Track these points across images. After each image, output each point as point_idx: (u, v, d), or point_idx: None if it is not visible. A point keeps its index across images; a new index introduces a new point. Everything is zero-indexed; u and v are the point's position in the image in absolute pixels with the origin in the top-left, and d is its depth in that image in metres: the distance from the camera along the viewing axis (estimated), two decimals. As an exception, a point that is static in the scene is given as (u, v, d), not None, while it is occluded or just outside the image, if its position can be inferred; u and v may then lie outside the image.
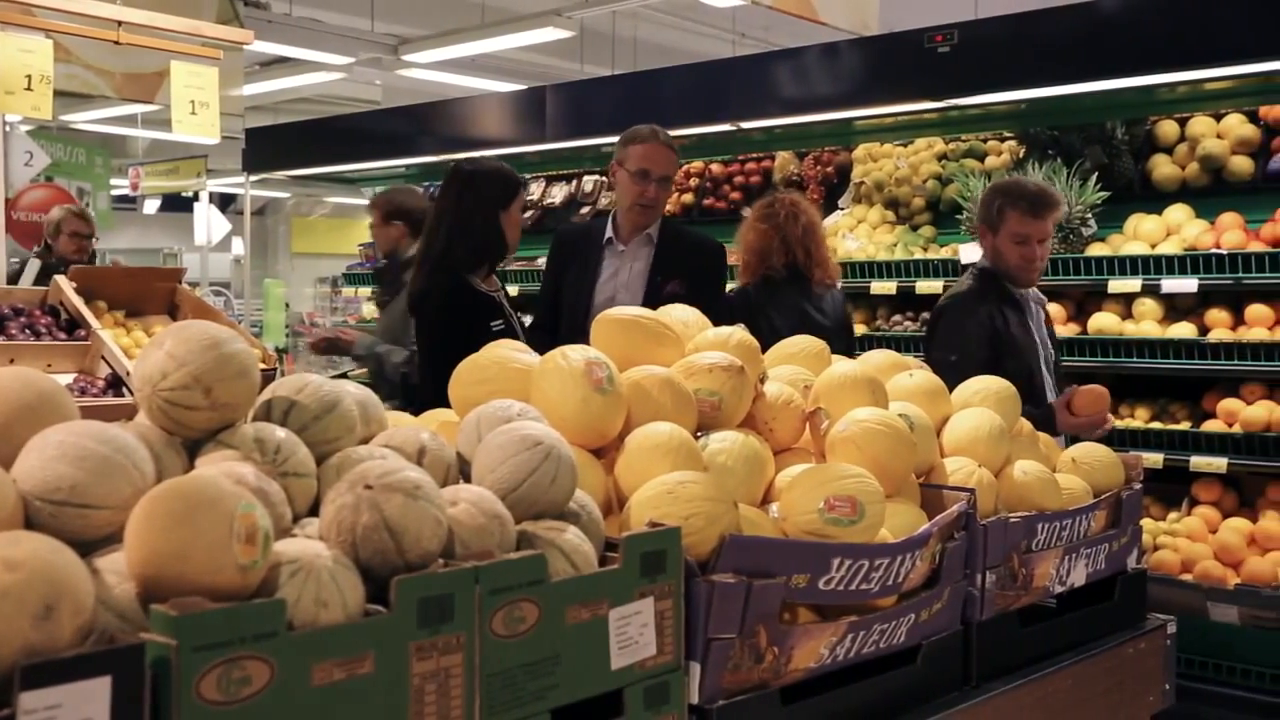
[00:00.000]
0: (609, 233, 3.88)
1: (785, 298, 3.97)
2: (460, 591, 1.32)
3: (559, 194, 7.07)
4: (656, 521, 1.58)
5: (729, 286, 4.26)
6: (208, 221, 13.08)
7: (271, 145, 7.84)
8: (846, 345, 3.93)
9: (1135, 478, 2.45)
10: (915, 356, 3.21)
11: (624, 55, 11.67)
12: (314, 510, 1.46)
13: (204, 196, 13.07)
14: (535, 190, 7.22)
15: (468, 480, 1.61)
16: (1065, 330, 4.57)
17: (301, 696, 1.17)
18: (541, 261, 6.76)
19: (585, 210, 6.89)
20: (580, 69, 11.55)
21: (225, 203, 17.27)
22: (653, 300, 3.64)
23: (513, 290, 6.60)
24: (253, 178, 8.03)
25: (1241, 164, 4.59)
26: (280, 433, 1.48)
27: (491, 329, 3.49)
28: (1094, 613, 2.30)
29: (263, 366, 3.93)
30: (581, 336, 3.64)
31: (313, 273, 18.68)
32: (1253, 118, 4.63)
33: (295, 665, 1.17)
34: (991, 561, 2.02)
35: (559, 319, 3.86)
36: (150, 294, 4.67)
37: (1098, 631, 2.30)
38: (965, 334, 3.50)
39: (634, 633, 1.50)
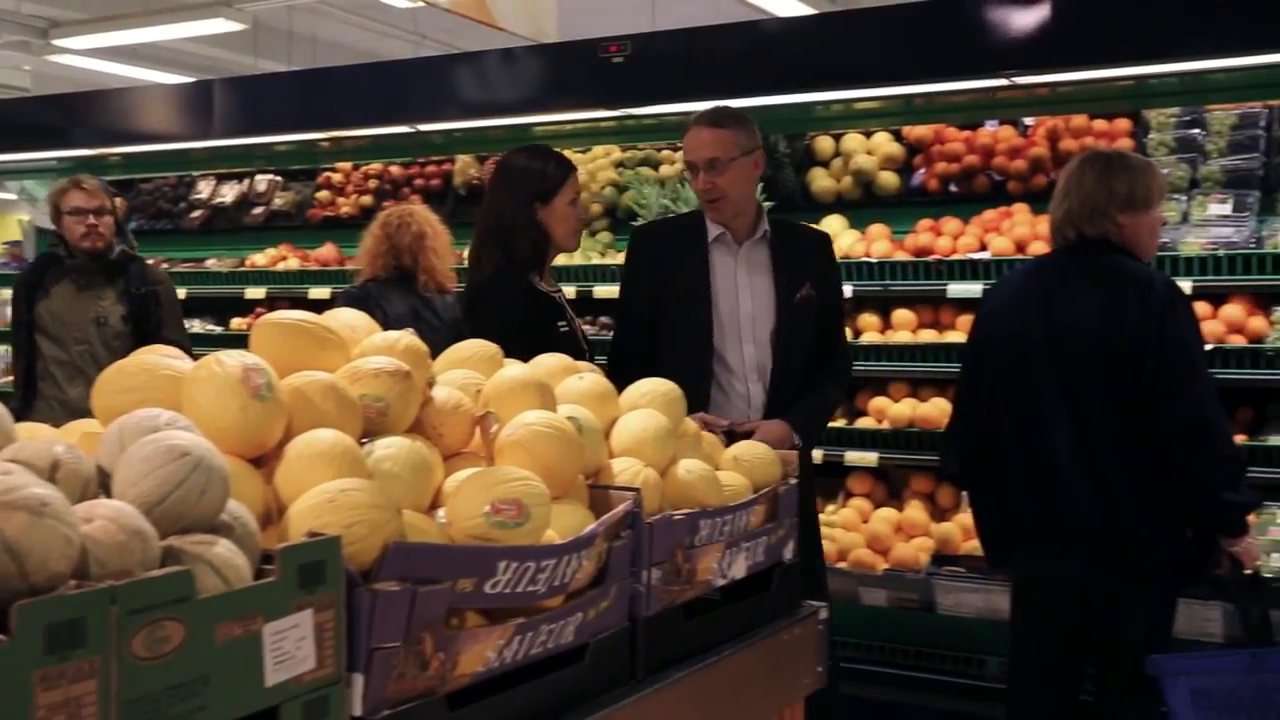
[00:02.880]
0: (717, 228, 3.42)
1: (396, 297, 4.30)
2: (94, 614, 1.23)
3: (230, 193, 6.78)
4: (316, 531, 1.53)
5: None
6: None
7: (-102, 132, 7.08)
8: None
9: (791, 473, 2.58)
10: (600, 360, 3.28)
11: (303, 52, 11.32)
12: (-75, 533, 1.33)
13: None
14: (205, 189, 6.90)
15: (110, 495, 1.50)
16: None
17: (-99, 740, 1.06)
18: (211, 263, 6.48)
19: (258, 210, 6.62)
20: (255, 64, 11.11)
21: None
22: (785, 309, 3.40)
23: (181, 294, 6.26)
24: (-126, 167, 7.22)
25: (888, 179, 4.97)
26: (-117, 449, 1.34)
27: (558, 331, 3.19)
28: (753, 603, 2.41)
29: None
30: (705, 358, 3.29)
31: (-49, 273, 17.09)
32: (898, 136, 5.03)
33: (-107, 706, 1.06)
34: (657, 558, 2.08)
35: (655, 338, 3.40)
36: None
37: (757, 620, 2.41)
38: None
39: (291, 647, 1.45)
